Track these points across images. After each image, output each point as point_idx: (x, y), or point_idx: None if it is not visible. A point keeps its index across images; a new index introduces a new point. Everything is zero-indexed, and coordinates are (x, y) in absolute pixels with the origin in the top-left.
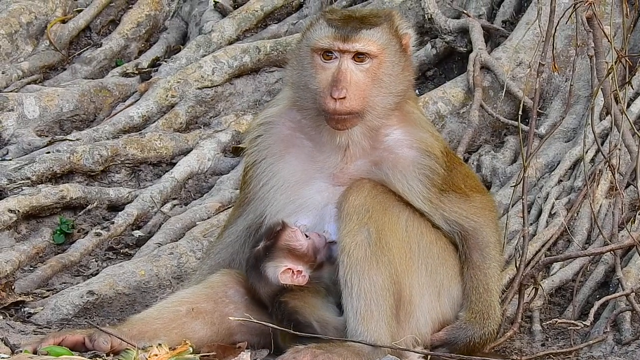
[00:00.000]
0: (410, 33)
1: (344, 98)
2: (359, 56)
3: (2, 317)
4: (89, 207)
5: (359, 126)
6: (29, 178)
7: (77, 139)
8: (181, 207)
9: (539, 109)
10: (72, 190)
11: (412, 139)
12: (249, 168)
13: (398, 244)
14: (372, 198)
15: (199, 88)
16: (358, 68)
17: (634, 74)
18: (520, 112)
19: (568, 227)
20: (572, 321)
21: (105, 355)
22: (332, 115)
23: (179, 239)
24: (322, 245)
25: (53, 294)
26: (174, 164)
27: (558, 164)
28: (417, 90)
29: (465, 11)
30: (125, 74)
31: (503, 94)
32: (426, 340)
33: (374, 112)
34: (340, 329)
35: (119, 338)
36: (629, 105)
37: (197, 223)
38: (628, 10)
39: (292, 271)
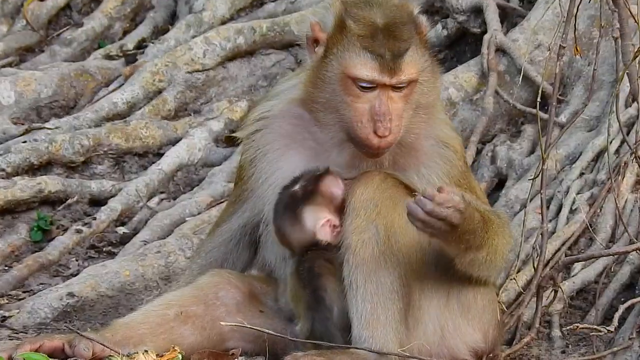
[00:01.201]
0: (427, 24)
1: (387, 136)
2: (399, 85)
3: None
4: (69, 201)
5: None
6: (3, 170)
7: (56, 127)
8: (169, 201)
9: (559, 95)
10: (51, 183)
11: (430, 130)
12: (247, 164)
13: (408, 242)
14: (382, 192)
15: (188, 72)
16: (397, 95)
17: None
18: (538, 99)
19: (590, 224)
20: (595, 326)
21: None
22: (373, 150)
23: (167, 236)
24: None
25: (30, 296)
26: (162, 155)
27: (580, 156)
28: None
29: None
30: (109, 57)
31: (520, 79)
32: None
33: (409, 132)
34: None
35: (101, 344)
36: None
37: (187, 219)
38: None
39: (331, 224)
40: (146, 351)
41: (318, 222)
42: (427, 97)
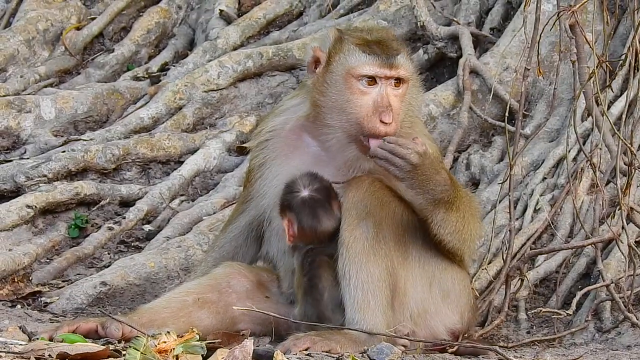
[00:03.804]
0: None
1: (390, 123)
2: (397, 81)
3: (20, 306)
4: (102, 202)
5: None
6: (45, 176)
7: (91, 139)
8: (188, 202)
9: (525, 110)
10: (86, 187)
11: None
12: (255, 169)
13: (394, 237)
14: (371, 194)
15: (205, 91)
16: (394, 92)
17: (614, 78)
18: (507, 114)
19: (552, 222)
20: (556, 310)
21: (116, 342)
22: (381, 137)
23: (187, 232)
24: None
25: (68, 285)
26: (182, 163)
27: (542, 163)
28: None
29: (455, 19)
30: (136, 78)
31: (491, 97)
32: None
33: (400, 131)
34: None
35: (129, 326)
36: (609, 107)
37: (204, 218)
38: (608, 18)
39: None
40: (168, 332)
41: (339, 208)
42: (415, 101)
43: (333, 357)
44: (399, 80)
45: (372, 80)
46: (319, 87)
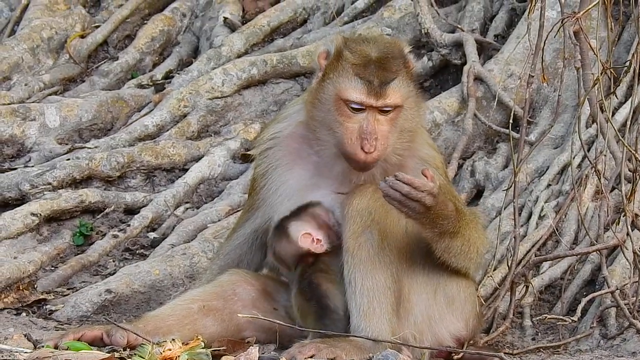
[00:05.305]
0: (414, 60)
1: (372, 152)
2: (385, 108)
3: (25, 314)
4: (107, 210)
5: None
6: (50, 183)
7: (96, 147)
8: (193, 210)
9: (529, 117)
10: (91, 194)
11: (414, 151)
12: (259, 177)
13: (399, 244)
14: (375, 201)
15: (209, 98)
16: (383, 118)
17: (618, 85)
18: (511, 121)
19: (556, 229)
20: (561, 317)
21: (122, 349)
22: (360, 165)
23: (191, 240)
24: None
25: (73, 293)
26: (187, 170)
27: (547, 169)
28: None
29: (459, 26)
30: (141, 86)
31: (495, 104)
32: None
33: (394, 152)
34: None
35: (134, 333)
36: (613, 114)
37: (208, 225)
38: (612, 24)
39: (313, 238)
40: (173, 340)
41: (299, 233)
42: (410, 122)
43: None
44: (389, 107)
45: (360, 105)
46: (312, 100)
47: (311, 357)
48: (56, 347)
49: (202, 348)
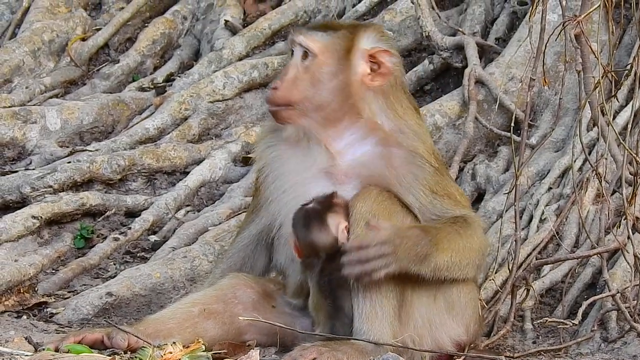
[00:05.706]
0: (383, 47)
1: (276, 88)
2: (305, 53)
3: (25, 317)
4: (108, 213)
5: (307, 120)
6: (51, 186)
7: (96, 150)
8: (194, 213)
9: (530, 120)
10: (92, 197)
11: (397, 139)
12: (260, 177)
13: None
14: (378, 204)
15: (210, 101)
16: (302, 64)
17: (619, 88)
18: (512, 124)
19: (557, 232)
20: (562, 320)
21: (122, 352)
22: (268, 103)
23: (192, 243)
24: None
25: (74, 295)
26: (187, 173)
27: (548, 173)
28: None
29: (460, 29)
30: (142, 89)
31: (496, 107)
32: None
33: (310, 106)
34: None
35: (135, 336)
36: (614, 117)
37: (209, 228)
38: (614, 28)
39: (346, 228)
40: (174, 343)
41: (340, 226)
42: (334, 82)
43: None
44: (306, 52)
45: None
46: None
47: None
48: (57, 350)
49: (203, 351)
